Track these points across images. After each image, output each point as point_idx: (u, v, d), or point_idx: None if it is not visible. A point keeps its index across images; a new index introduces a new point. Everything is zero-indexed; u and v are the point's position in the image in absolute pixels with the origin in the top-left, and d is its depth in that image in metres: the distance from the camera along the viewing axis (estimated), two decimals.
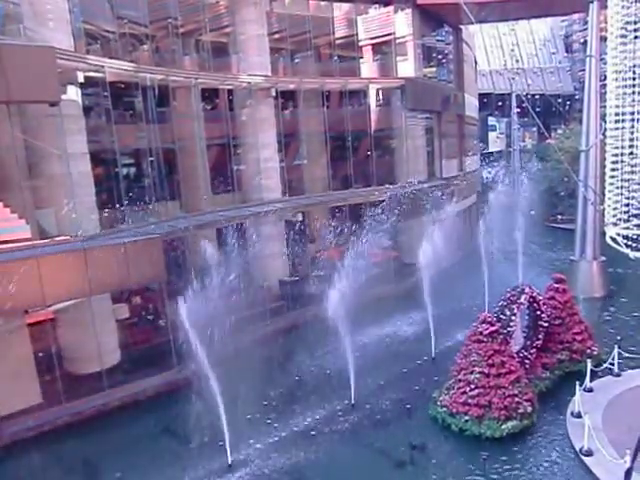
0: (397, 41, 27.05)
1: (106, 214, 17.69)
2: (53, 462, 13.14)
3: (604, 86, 21.78)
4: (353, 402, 14.61)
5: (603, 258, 22.99)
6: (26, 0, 15.16)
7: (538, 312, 15.20)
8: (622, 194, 20.28)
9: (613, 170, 20.78)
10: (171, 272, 16.91)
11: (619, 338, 16.18)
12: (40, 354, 15.16)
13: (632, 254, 19.36)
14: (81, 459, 13.07)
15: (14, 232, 14.08)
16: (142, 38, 20.51)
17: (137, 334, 18.44)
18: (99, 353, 15.76)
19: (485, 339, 13.14)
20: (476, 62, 42.13)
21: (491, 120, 59.27)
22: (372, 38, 27.63)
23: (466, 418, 12.85)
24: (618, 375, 14.86)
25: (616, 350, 14.97)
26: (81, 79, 15.96)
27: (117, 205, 17.53)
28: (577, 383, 13.29)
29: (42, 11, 15.24)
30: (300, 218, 23.87)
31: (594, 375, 14.51)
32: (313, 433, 13.39)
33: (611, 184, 20.99)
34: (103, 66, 16.38)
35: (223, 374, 12.38)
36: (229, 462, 12.21)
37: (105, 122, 17.75)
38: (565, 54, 64.21)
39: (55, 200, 15.87)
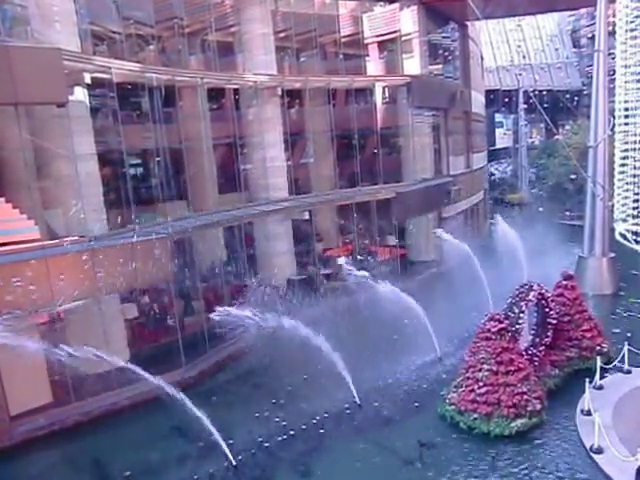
0: (403, 38, 26.99)
1: (114, 214, 17.79)
2: (63, 460, 13.26)
3: (612, 81, 21.64)
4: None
5: (612, 255, 22.80)
6: (33, 2, 15.25)
7: (547, 309, 15.09)
8: (631, 190, 20.14)
9: (622, 166, 20.65)
10: (179, 272, 16.97)
11: (629, 335, 16.02)
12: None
13: None
14: (91, 458, 13.13)
15: (23, 233, 14.16)
16: (148, 38, 20.60)
17: (146, 333, 18.55)
18: (108, 352, 15.83)
19: (493, 336, 13.07)
20: (482, 58, 41.90)
21: (498, 117, 58.93)
22: (378, 36, 27.61)
23: (475, 416, 12.80)
24: (628, 372, 14.72)
25: (626, 347, 14.81)
26: (88, 80, 16.01)
27: (125, 205, 17.63)
28: (587, 380, 13.15)
29: (49, 13, 15.29)
30: (307, 217, 23.86)
31: (604, 372, 14.39)
32: (322, 431, 13.43)
33: (620, 180, 20.87)
34: (110, 67, 16.42)
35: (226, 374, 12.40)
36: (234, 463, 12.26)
37: (112, 123, 17.84)
38: (572, 49, 63.74)
39: (63, 201, 15.98)
